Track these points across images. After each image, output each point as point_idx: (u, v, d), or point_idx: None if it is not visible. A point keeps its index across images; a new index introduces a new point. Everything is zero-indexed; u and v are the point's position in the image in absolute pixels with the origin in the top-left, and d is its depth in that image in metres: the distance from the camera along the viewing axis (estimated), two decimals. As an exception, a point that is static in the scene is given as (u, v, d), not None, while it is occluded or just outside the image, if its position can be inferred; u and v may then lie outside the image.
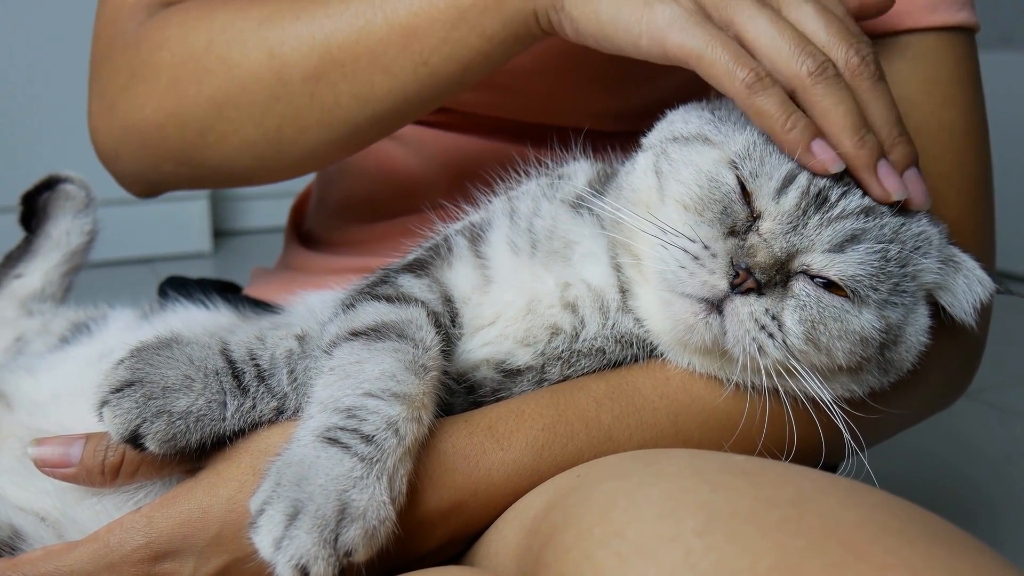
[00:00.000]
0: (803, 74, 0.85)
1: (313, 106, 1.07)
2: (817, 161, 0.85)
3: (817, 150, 0.85)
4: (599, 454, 0.87)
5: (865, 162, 0.85)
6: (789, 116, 0.84)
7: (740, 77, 0.84)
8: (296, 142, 1.10)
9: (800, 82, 0.85)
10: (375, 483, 0.75)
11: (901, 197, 0.86)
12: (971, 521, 1.86)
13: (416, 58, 1.02)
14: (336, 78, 1.05)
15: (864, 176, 0.86)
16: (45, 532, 0.92)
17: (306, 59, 1.05)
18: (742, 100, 0.85)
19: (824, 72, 0.85)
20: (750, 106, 0.85)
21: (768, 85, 0.85)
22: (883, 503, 0.70)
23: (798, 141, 0.84)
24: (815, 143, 0.85)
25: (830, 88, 0.85)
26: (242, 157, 1.13)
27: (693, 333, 0.86)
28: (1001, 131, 1.27)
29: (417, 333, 0.87)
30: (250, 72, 1.07)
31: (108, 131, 1.19)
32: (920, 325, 0.90)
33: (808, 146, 0.85)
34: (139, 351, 0.87)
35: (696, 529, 0.66)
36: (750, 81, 0.84)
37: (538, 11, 0.97)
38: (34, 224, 1.34)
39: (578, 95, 1.25)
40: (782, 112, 0.84)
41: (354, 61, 1.04)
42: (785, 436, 0.88)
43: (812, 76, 0.85)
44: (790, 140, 0.85)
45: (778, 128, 0.85)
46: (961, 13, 1.05)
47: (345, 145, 1.11)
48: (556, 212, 0.97)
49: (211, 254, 3.91)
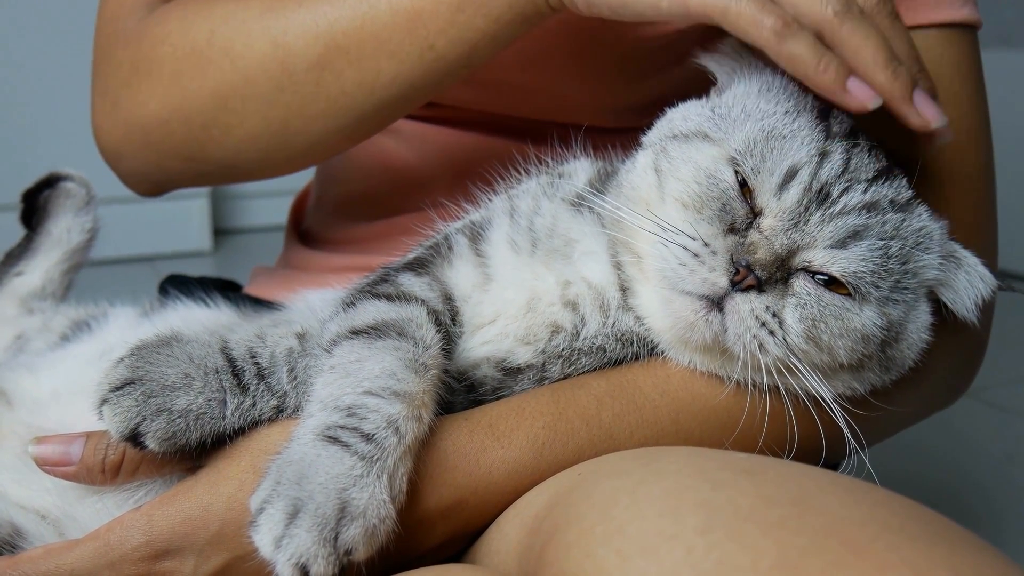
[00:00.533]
0: (829, 14, 0.84)
1: (319, 95, 1.06)
2: (855, 98, 0.84)
3: (853, 88, 0.84)
4: (600, 452, 0.87)
5: (901, 93, 0.85)
6: (821, 58, 0.84)
7: (768, 25, 0.84)
8: (302, 132, 1.09)
9: (828, 23, 0.85)
10: (375, 481, 0.75)
11: (939, 124, 0.86)
12: (972, 519, 1.86)
13: (422, 42, 1.02)
14: (341, 65, 1.04)
15: (902, 107, 0.85)
16: (46, 530, 0.92)
17: (310, 47, 1.04)
18: (772, 47, 0.85)
19: (850, 10, 0.85)
20: (780, 52, 0.85)
21: (796, 30, 0.84)
22: (884, 501, 0.70)
23: (834, 81, 0.84)
24: (851, 81, 0.84)
25: (858, 25, 0.85)
26: (248, 150, 1.12)
27: (694, 331, 0.86)
28: (1001, 130, 1.27)
29: (417, 331, 0.86)
30: (254, 63, 1.07)
31: (112, 129, 1.19)
32: (922, 322, 0.90)
33: (844, 85, 0.84)
34: (139, 349, 0.87)
35: (697, 527, 0.66)
36: (778, 28, 0.84)
37: None
38: (35, 222, 1.34)
39: (580, 91, 1.25)
40: (814, 55, 0.84)
41: (359, 47, 1.03)
42: (786, 434, 0.88)
43: (839, 15, 0.84)
44: (825, 81, 0.84)
45: (812, 71, 0.84)
46: (964, 10, 1.05)
47: (352, 134, 1.11)
48: (556, 210, 0.97)
49: (211, 252, 3.91)
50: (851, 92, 0.84)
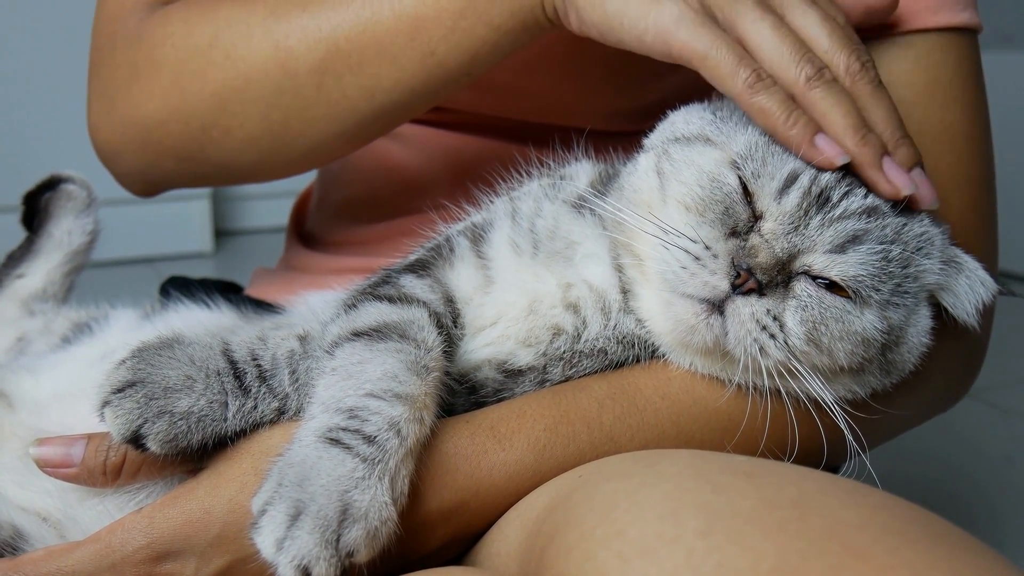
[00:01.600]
0: (801, 79, 0.85)
1: (319, 99, 1.06)
2: (822, 155, 0.85)
3: (822, 144, 0.85)
4: (601, 455, 0.87)
5: (870, 159, 0.85)
6: (791, 113, 0.85)
7: (742, 77, 0.85)
8: (302, 135, 1.09)
9: (799, 87, 0.85)
10: (377, 484, 0.75)
11: (910, 192, 0.85)
12: (972, 521, 1.86)
13: (423, 48, 1.02)
14: (342, 70, 1.04)
15: (870, 173, 0.85)
16: (47, 532, 0.92)
17: (312, 51, 1.04)
18: (744, 99, 0.86)
19: (822, 76, 0.86)
20: (752, 105, 0.85)
21: (769, 85, 0.85)
22: (884, 504, 0.70)
23: (801, 137, 0.85)
24: (819, 138, 0.85)
25: (828, 91, 0.85)
26: (246, 152, 1.12)
27: (694, 334, 0.86)
28: (1002, 131, 1.27)
29: (419, 334, 0.87)
30: (255, 65, 1.07)
31: (109, 129, 1.19)
32: (922, 326, 0.90)
33: (812, 141, 0.85)
34: (140, 351, 0.87)
35: (698, 530, 0.67)
36: (751, 81, 0.85)
37: (544, 1, 0.96)
38: (36, 224, 1.34)
39: (580, 95, 1.25)
40: (783, 110, 0.85)
41: (360, 52, 1.03)
42: (787, 437, 0.88)
43: (810, 81, 0.85)
44: (793, 136, 0.85)
45: (780, 125, 0.85)
46: (964, 14, 1.05)
47: (351, 139, 1.11)
48: (558, 212, 0.97)
49: (212, 254, 3.91)
50: (819, 148, 0.85)
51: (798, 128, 0.85)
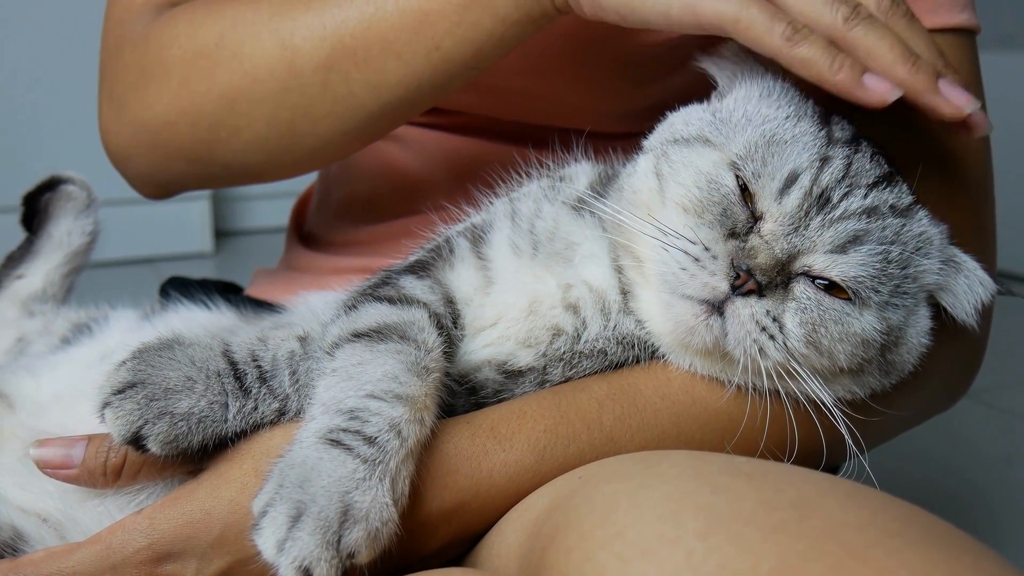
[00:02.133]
0: (839, 21, 0.84)
1: (326, 96, 1.06)
2: (873, 92, 0.83)
3: (870, 83, 0.83)
4: (601, 455, 0.87)
5: (925, 85, 0.84)
6: (835, 58, 0.83)
7: (778, 32, 0.84)
8: (309, 134, 1.09)
9: (838, 30, 0.84)
10: (378, 485, 0.75)
11: (973, 108, 0.84)
12: (971, 521, 1.86)
13: (429, 43, 1.02)
14: (348, 67, 1.04)
15: (929, 98, 0.84)
16: (47, 533, 0.93)
17: (318, 49, 1.04)
18: (784, 54, 0.84)
19: (859, 14, 0.85)
20: (793, 58, 0.84)
21: (807, 34, 0.84)
22: (884, 505, 0.70)
23: (849, 79, 0.83)
24: (867, 77, 0.83)
25: (869, 27, 0.84)
26: (255, 152, 1.12)
27: (694, 335, 0.86)
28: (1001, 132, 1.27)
29: (419, 335, 0.87)
30: (262, 65, 1.07)
31: (119, 131, 1.19)
32: (921, 326, 0.90)
33: (860, 82, 0.83)
34: (141, 352, 0.87)
35: (697, 531, 0.67)
36: (789, 34, 0.83)
37: None
38: (36, 225, 1.34)
39: (579, 97, 1.25)
40: (827, 55, 0.83)
41: (366, 49, 1.03)
42: (787, 437, 0.88)
43: (848, 21, 0.84)
44: (840, 80, 0.83)
45: (826, 71, 0.83)
46: (962, 15, 1.05)
47: (358, 136, 1.11)
48: (557, 213, 0.97)
49: (212, 254, 3.92)
50: (868, 87, 0.83)
51: (844, 71, 0.83)
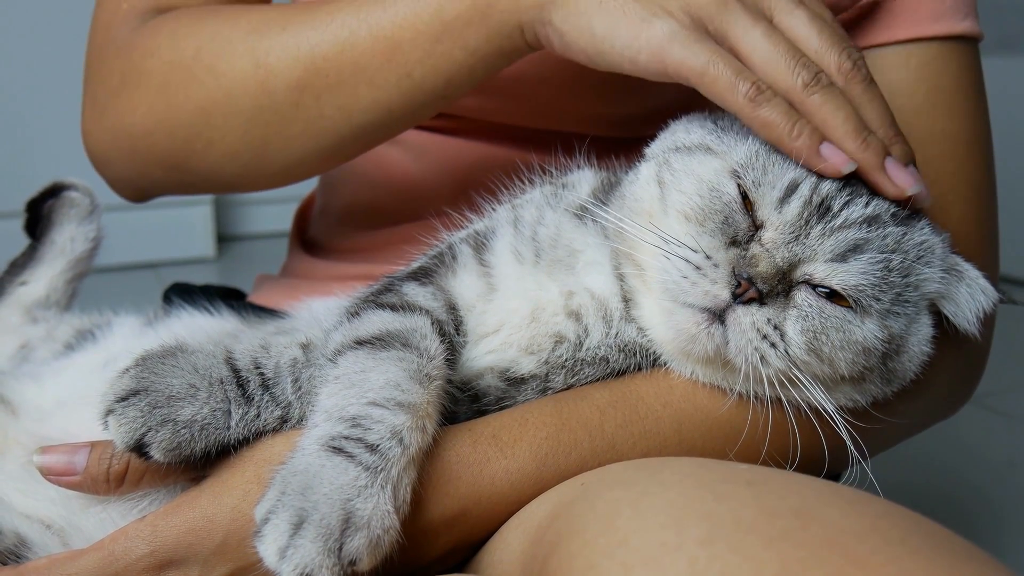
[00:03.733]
0: (799, 86, 0.85)
1: (298, 116, 1.07)
2: (828, 163, 0.85)
3: (827, 153, 0.85)
4: (602, 463, 0.87)
5: (873, 162, 0.85)
6: (795, 124, 0.85)
7: (743, 91, 0.85)
8: (281, 151, 1.10)
9: (797, 94, 0.86)
10: (379, 492, 0.75)
11: (915, 191, 0.86)
12: (974, 526, 1.86)
13: (400, 70, 1.02)
14: (320, 89, 1.05)
15: (874, 176, 0.86)
16: (50, 540, 0.93)
17: (290, 69, 1.05)
18: (746, 113, 0.86)
19: (819, 82, 0.86)
20: (755, 118, 0.86)
21: (770, 97, 0.85)
22: (886, 513, 0.70)
23: (807, 146, 0.85)
24: (824, 146, 0.85)
25: (827, 96, 0.85)
26: (229, 165, 1.13)
27: (695, 343, 0.86)
28: (1003, 135, 1.27)
29: (421, 342, 0.87)
30: (236, 81, 1.08)
31: (99, 135, 1.20)
32: (923, 335, 0.90)
33: (817, 150, 0.85)
34: (144, 360, 0.87)
35: (700, 539, 0.67)
36: (752, 95, 0.85)
37: (523, 25, 0.96)
38: (39, 231, 1.34)
39: (581, 101, 1.25)
40: (787, 120, 0.85)
41: (338, 72, 1.04)
42: (788, 445, 0.88)
43: (808, 87, 0.85)
44: (799, 147, 0.85)
45: (785, 136, 0.85)
46: (964, 23, 1.05)
47: (331, 156, 1.12)
48: (560, 221, 0.97)
49: (215, 259, 3.91)
50: (825, 157, 0.85)
51: (803, 138, 0.85)
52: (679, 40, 0.87)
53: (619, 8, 0.90)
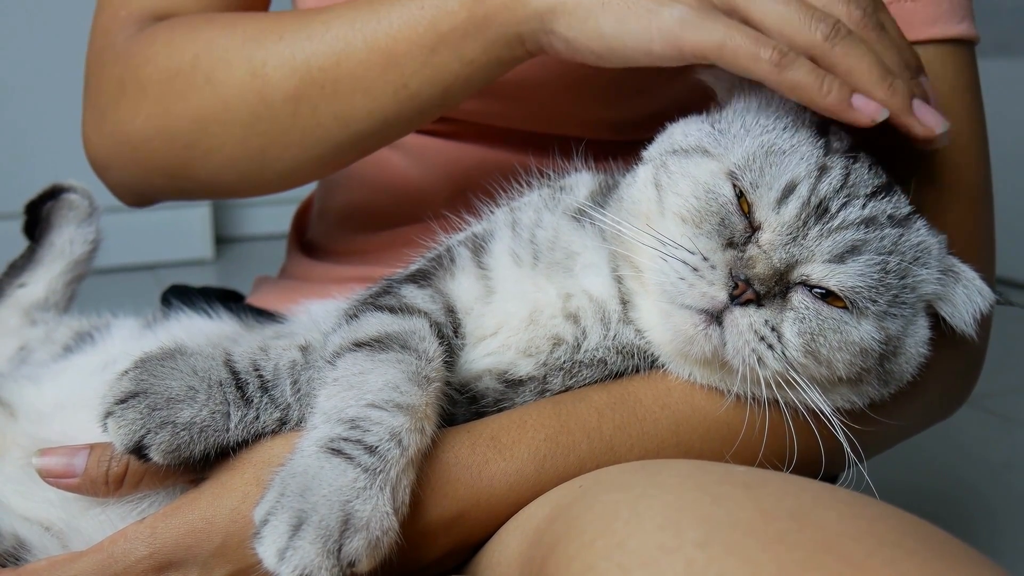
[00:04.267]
0: (819, 39, 0.86)
1: (295, 126, 1.07)
2: (863, 113, 0.85)
3: (859, 104, 0.85)
4: (601, 464, 0.87)
5: (901, 106, 0.86)
6: (823, 81, 0.85)
7: (765, 58, 0.85)
8: (279, 159, 1.11)
9: (819, 48, 0.86)
10: (378, 494, 0.76)
11: (943, 129, 0.87)
12: (971, 528, 1.86)
13: (396, 81, 1.03)
14: (317, 99, 1.05)
15: (904, 119, 0.86)
16: (49, 542, 0.93)
17: (287, 79, 1.06)
18: (773, 78, 0.86)
19: (838, 33, 0.86)
20: (782, 82, 0.86)
21: (794, 59, 0.85)
22: (882, 515, 0.70)
23: (838, 100, 0.85)
24: (855, 98, 0.85)
25: (848, 46, 0.86)
26: (227, 172, 1.14)
27: (693, 344, 0.86)
28: (1000, 139, 1.27)
29: (420, 344, 0.87)
30: (233, 90, 1.08)
31: (99, 141, 1.21)
32: (920, 336, 0.90)
33: (849, 103, 0.85)
34: (143, 362, 0.87)
35: (697, 541, 0.67)
36: (776, 59, 0.85)
37: (524, 35, 0.97)
38: (38, 233, 1.34)
39: (580, 105, 1.25)
40: (815, 79, 0.85)
41: (334, 83, 1.04)
42: (786, 446, 0.88)
43: (828, 40, 0.86)
44: (830, 102, 0.85)
45: (816, 95, 0.85)
46: (961, 25, 1.06)
47: (329, 163, 1.12)
48: (558, 223, 0.98)
49: (213, 261, 3.92)
50: (857, 108, 0.85)
51: (833, 94, 0.85)
52: (690, 22, 0.87)
53: (623, 5, 0.90)
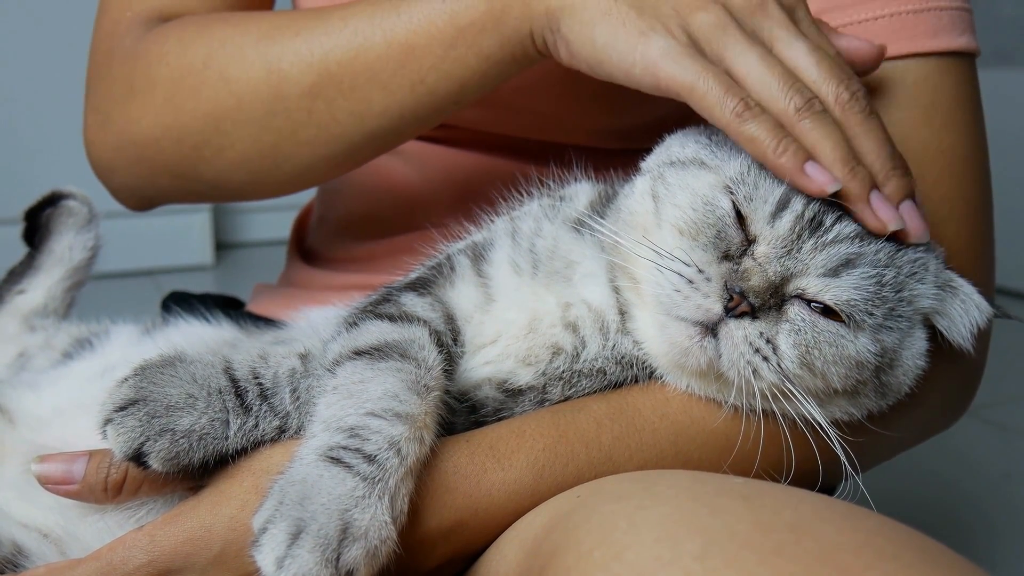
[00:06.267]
0: (790, 110, 0.85)
1: (310, 122, 1.07)
2: (813, 183, 0.84)
3: (812, 172, 0.84)
4: (599, 474, 0.87)
5: (857, 193, 0.84)
6: (780, 140, 0.84)
7: (730, 106, 0.84)
8: (292, 158, 1.10)
9: (788, 117, 0.85)
10: (377, 503, 0.76)
11: (896, 227, 0.85)
12: (969, 537, 1.86)
13: (414, 76, 1.03)
14: (333, 95, 1.05)
15: (858, 207, 0.85)
16: (48, 549, 0.93)
17: (304, 75, 1.05)
18: (733, 128, 0.85)
19: (811, 107, 0.85)
20: (740, 134, 0.85)
21: (758, 113, 0.85)
22: (880, 528, 0.70)
23: (791, 164, 0.84)
24: (808, 165, 0.84)
25: (817, 122, 0.85)
26: (238, 172, 1.13)
27: (688, 356, 0.86)
28: (1000, 148, 1.27)
29: (419, 353, 0.87)
30: (248, 87, 1.08)
31: (104, 144, 1.20)
32: (917, 349, 0.90)
33: (802, 169, 0.84)
34: (143, 369, 0.87)
35: (694, 553, 0.67)
36: (740, 110, 0.84)
37: (535, 32, 0.97)
38: (37, 240, 1.34)
39: (580, 113, 1.26)
40: (772, 137, 0.84)
41: (352, 78, 1.04)
42: (783, 458, 0.88)
43: (799, 112, 0.85)
44: (783, 164, 0.84)
45: (769, 153, 0.84)
46: (962, 38, 1.06)
47: (342, 162, 1.12)
48: (558, 233, 0.98)
49: (213, 266, 3.92)
50: (809, 176, 0.84)
51: (787, 156, 0.84)
52: (673, 56, 0.87)
53: (620, 21, 0.90)
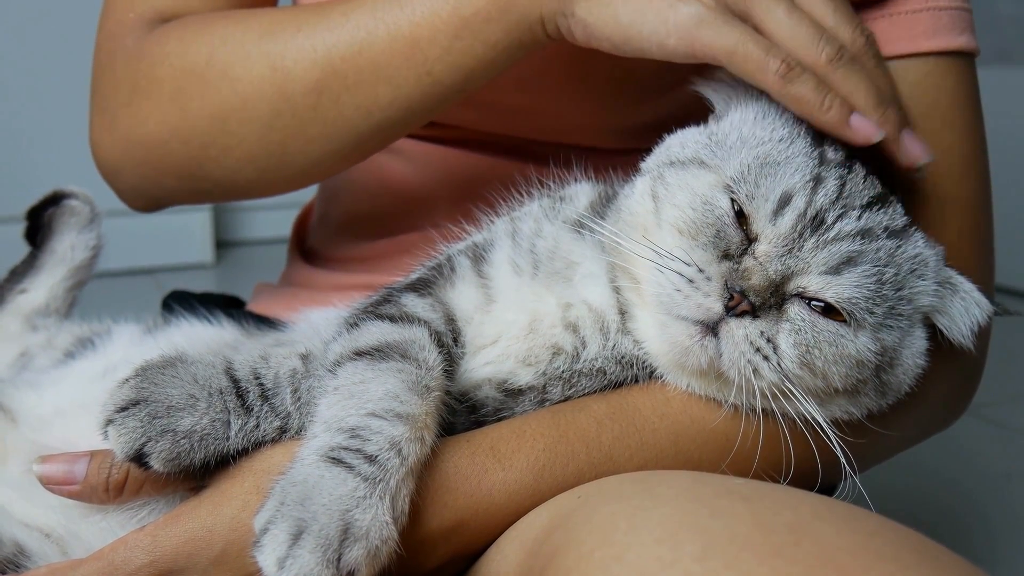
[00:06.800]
0: (823, 60, 0.89)
1: (316, 118, 1.07)
2: (860, 133, 0.89)
3: (857, 123, 0.89)
4: (600, 474, 0.87)
5: (891, 134, 0.90)
6: (825, 97, 0.88)
7: (773, 69, 0.88)
8: (300, 154, 1.10)
9: (822, 68, 0.89)
10: (378, 503, 0.76)
11: (927, 160, 0.91)
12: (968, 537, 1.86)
13: (419, 68, 1.03)
14: (339, 90, 1.05)
15: (891, 146, 0.91)
16: (49, 549, 0.93)
17: (308, 72, 1.05)
18: (777, 89, 0.89)
19: (842, 57, 0.90)
20: (787, 94, 0.89)
21: (800, 73, 0.88)
22: (879, 529, 0.70)
23: (838, 118, 0.89)
24: (854, 117, 0.89)
25: (850, 71, 0.90)
26: (245, 170, 1.13)
27: (689, 355, 0.86)
28: (999, 147, 1.27)
29: (420, 353, 0.87)
30: (252, 86, 1.07)
31: (110, 146, 1.20)
32: (917, 348, 0.90)
33: (847, 121, 0.89)
34: (144, 370, 0.87)
35: (694, 554, 0.67)
36: (783, 71, 0.88)
37: (545, 17, 0.97)
38: (39, 239, 1.35)
39: (577, 113, 1.25)
40: (818, 95, 0.88)
41: (357, 73, 1.04)
42: (783, 457, 0.88)
43: (832, 62, 0.90)
44: (830, 119, 0.88)
45: (817, 111, 0.88)
46: (961, 38, 1.06)
47: (349, 155, 1.12)
48: (558, 233, 0.98)
49: (213, 265, 3.92)
50: (855, 128, 0.89)
51: (833, 111, 0.88)
52: (707, 22, 0.89)
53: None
